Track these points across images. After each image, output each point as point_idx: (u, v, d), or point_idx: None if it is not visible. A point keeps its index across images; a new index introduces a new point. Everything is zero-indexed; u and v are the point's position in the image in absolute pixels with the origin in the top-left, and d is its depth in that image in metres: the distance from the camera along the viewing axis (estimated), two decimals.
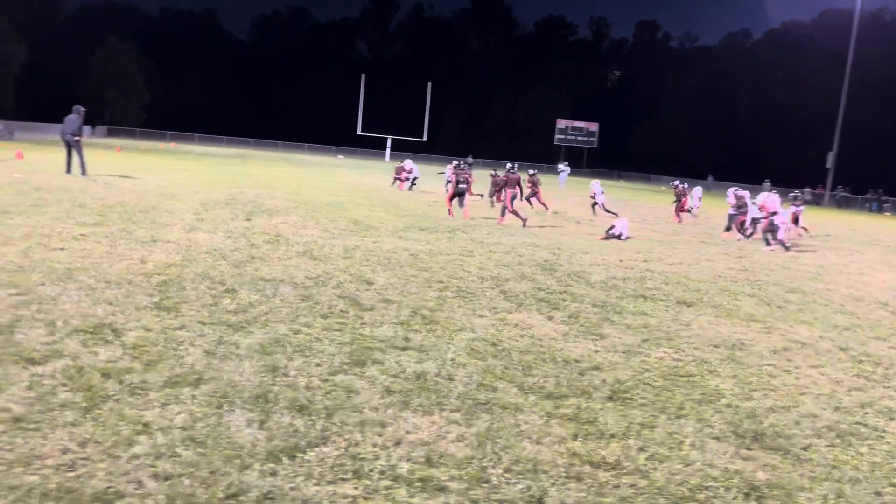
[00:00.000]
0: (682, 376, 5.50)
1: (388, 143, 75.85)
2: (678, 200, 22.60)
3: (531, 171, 22.79)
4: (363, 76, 75.91)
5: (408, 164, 28.32)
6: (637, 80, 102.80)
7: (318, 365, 4.95)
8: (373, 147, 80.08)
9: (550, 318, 7.06)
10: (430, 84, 76.12)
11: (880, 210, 50.96)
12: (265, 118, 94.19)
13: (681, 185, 23.17)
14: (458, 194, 17.32)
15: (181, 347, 5.05)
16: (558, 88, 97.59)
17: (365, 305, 6.86)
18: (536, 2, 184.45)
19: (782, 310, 8.65)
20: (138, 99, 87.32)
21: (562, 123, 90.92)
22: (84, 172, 18.82)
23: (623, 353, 6.02)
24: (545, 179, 35.41)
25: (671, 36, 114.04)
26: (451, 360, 5.37)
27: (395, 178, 28.03)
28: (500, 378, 5.05)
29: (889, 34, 74.52)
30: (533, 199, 21.96)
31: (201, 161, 37.41)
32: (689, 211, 23.53)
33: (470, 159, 47.87)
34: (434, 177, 31.62)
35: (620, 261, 11.80)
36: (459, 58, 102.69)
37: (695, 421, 4.55)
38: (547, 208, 21.38)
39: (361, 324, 6.17)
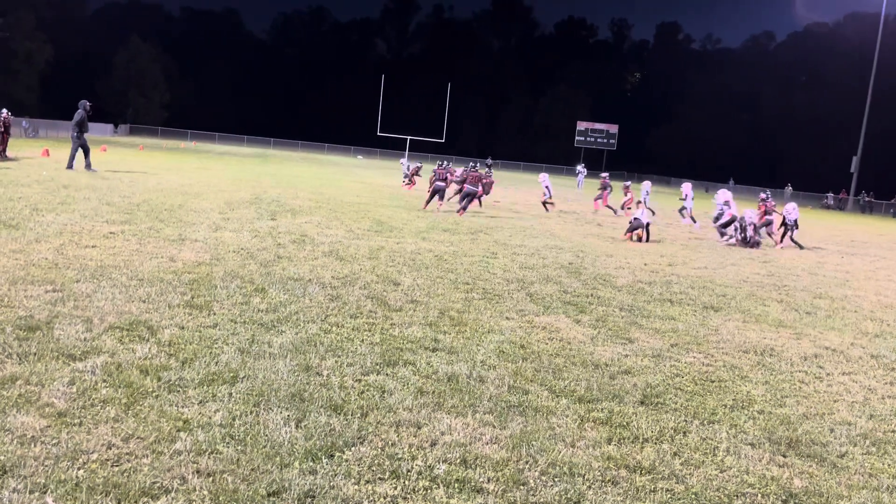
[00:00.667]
0: (713, 381, 5.47)
1: (408, 144, 76.00)
2: (603, 190, 24.87)
3: (485, 168, 23.56)
4: (383, 76, 76.10)
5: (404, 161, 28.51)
6: (657, 82, 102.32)
7: (350, 365, 4.99)
8: (392, 147, 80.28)
9: (578, 322, 7.05)
10: (449, 85, 76.13)
11: None
12: (285, 118, 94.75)
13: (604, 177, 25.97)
14: (436, 191, 18.42)
15: (216, 346, 5.11)
16: (578, 90, 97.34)
17: (393, 306, 6.89)
18: (557, 3, 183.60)
19: (811, 316, 8.57)
20: (160, 98, 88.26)
21: (582, 125, 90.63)
22: (69, 166, 19.17)
23: (653, 357, 6.01)
24: (563, 181, 35.37)
25: (693, 38, 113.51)
26: (482, 361, 5.39)
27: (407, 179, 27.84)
28: (531, 381, 5.06)
29: None
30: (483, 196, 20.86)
31: (223, 160, 37.72)
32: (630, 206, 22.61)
33: (489, 160, 47.49)
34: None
35: (645, 264, 11.75)
36: (479, 59, 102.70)
37: (728, 427, 4.53)
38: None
39: (391, 324, 6.20)
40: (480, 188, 19.13)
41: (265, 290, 6.96)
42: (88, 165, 19.56)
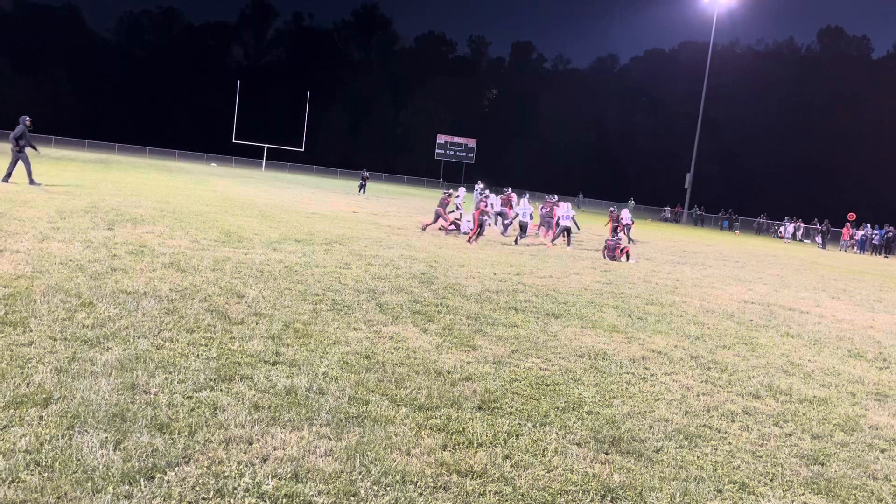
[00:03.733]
0: (548, 385, 5.71)
1: (265, 153, 74.07)
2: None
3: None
4: (238, 82, 73.78)
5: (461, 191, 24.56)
6: (513, 98, 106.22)
7: (181, 381, 4.76)
8: (249, 156, 77.90)
9: (425, 331, 7.13)
10: (308, 93, 75.13)
11: (731, 228, 55.21)
12: (132, 122, 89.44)
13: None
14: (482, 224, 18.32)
15: (28, 365, 4.70)
16: (438, 104, 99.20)
17: (234, 319, 6.65)
18: (418, 17, 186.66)
19: (642, 321, 9.19)
20: None
21: (441, 139, 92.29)
22: (5, 179, 18.92)
23: (493, 363, 6.19)
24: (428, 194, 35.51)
25: (545, 57, 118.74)
26: (324, 373, 5.32)
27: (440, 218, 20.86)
28: (373, 391, 5.05)
29: (740, 65, 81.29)
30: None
31: (59, 166, 34.94)
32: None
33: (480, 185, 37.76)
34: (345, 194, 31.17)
35: (494, 274, 12.11)
36: (340, 68, 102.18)
37: (558, 428, 4.74)
38: None
39: (230, 338, 5.98)
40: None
41: (93, 305, 6.50)
42: (31, 181, 18.87)
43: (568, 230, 20.27)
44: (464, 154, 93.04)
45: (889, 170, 68.24)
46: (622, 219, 24.06)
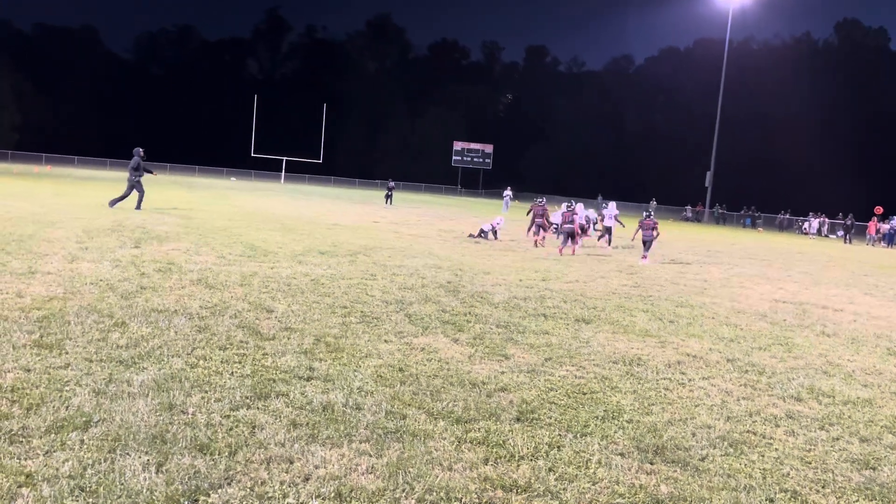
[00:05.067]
0: (585, 393, 5.63)
1: (284, 165, 74.61)
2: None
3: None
4: (255, 96, 74.46)
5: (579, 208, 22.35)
6: (529, 103, 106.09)
7: (218, 400, 4.74)
8: (267, 169, 78.51)
9: (456, 341, 7.08)
10: (325, 105, 75.61)
11: (753, 225, 54.60)
12: (152, 140, 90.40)
13: None
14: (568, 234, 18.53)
15: (66, 388, 4.71)
16: (453, 111, 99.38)
17: (266, 335, 6.65)
18: (430, 25, 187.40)
19: (674, 324, 9.06)
20: (10, 119, 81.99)
21: (458, 145, 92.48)
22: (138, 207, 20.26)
23: (528, 372, 6.11)
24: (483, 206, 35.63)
25: (560, 60, 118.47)
26: (359, 388, 5.28)
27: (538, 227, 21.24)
28: (409, 405, 5.00)
29: (756, 61, 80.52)
30: None
31: (83, 185, 35.44)
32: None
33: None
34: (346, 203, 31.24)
35: (520, 280, 12.03)
36: (355, 79, 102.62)
37: (599, 438, 4.66)
38: None
39: (263, 354, 5.97)
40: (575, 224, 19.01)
41: (125, 325, 6.52)
42: (138, 206, 20.24)
43: (609, 230, 21.99)
44: (481, 160, 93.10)
45: None
46: (601, 216, 24.72)
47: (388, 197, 40.23)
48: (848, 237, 41.76)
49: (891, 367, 7.59)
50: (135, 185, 20.76)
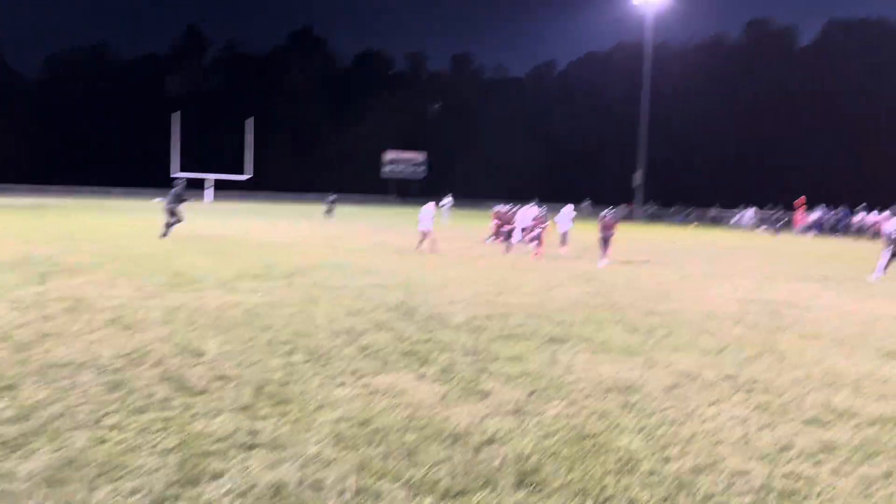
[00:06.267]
0: (586, 438, 4.73)
1: (210, 183, 71.90)
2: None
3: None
4: (175, 114, 71.58)
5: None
6: (457, 110, 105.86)
7: (134, 493, 3.62)
8: (193, 188, 75.47)
9: (422, 377, 6.09)
10: (250, 120, 73.35)
11: (687, 222, 55.41)
12: (67, 163, 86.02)
13: None
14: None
15: None
16: (382, 121, 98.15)
17: (195, 388, 5.50)
18: (353, 36, 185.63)
19: (651, 336, 8.30)
20: None
21: (389, 155, 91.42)
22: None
23: (514, 413, 5.18)
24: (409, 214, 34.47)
25: (485, 68, 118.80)
26: (316, 455, 4.23)
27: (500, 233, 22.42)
28: (382, 475, 3.98)
29: (675, 62, 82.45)
30: None
31: None
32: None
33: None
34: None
35: (476, 295, 11.12)
36: (280, 93, 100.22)
37: (627, 503, 3.75)
38: None
39: (192, 416, 4.84)
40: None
41: (15, 388, 5.27)
42: (165, 233, 20.51)
43: (565, 234, 21.53)
44: (413, 169, 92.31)
45: (822, 155, 69.84)
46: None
47: (330, 210, 39.01)
48: (777, 228, 42.66)
49: (892, 371, 6.99)
50: (173, 211, 21.06)
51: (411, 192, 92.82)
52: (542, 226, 19.39)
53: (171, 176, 70.00)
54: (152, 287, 10.72)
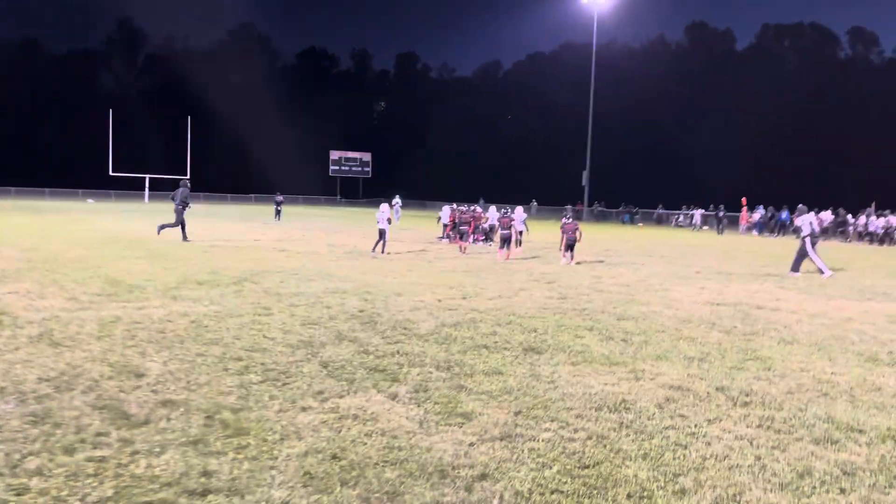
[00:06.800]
0: (589, 468, 4.21)
1: (147, 183, 69.41)
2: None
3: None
4: (110, 111, 68.86)
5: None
6: (404, 109, 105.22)
7: None
8: (130, 188, 72.80)
9: (395, 398, 5.48)
10: (189, 118, 71.13)
11: (632, 221, 56.00)
12: None
13: None
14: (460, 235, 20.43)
15: None
16: (327, 120, 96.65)
17: (135, 417, 4.78)
18: (296, 34, 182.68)
19: (629, 344, 7.87)
20: None
21: (335, 154, 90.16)
22: (184, 238, 20.65)
23: (503, 439, 4.63)
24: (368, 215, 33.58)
25: (430, 67, 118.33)
26: (284, 502, 3.59)
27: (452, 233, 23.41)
28: None
29: (620, 62, 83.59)
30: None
31: None
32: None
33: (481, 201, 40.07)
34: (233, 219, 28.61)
35: (439, 300, 10.55)
36: (221, 90, 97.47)
37: None
38: None
39: (132, 454, 4.14)
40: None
41: None
42: (185, 237, 20.70)
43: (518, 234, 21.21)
44: (360, 169, 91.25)
45: (761, 156, 71.72)
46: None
47: (278, 212, 37.93)
48: (720, 228, 43.37)
49: (882, 379, 6.72)
50: (179, 215, 21.12)
51: (358, 192, 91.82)
52: (510, 227, 19.07)
53: (110, 175, 67.34)
54: (86, 296, 9.81)
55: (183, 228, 21.05)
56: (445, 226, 24.73)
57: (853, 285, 14.88)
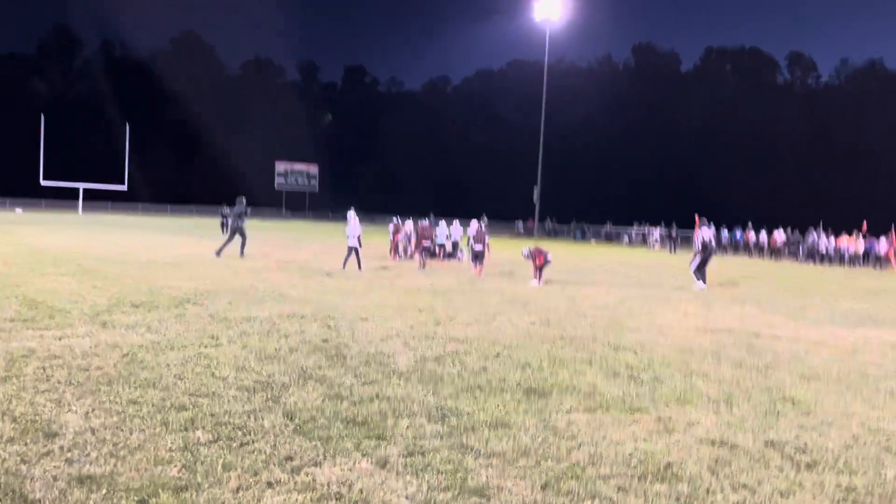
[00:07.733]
0: None
1: (81, 193, 66.04)
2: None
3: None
4: (42, 118, 65.37)
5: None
6: (352, 122, 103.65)
7: None
8: (62, 198, 69.23)
9: (385, 465, 4.30)
10: (127, 126, 68.17)
11: (584, 238, 55.79)
12: None
13: None
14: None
15: None
16: (273, 131, 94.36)
17: (42, 502, 3.48)
18: (242, 44, 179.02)
19: (638, 382, 6.86)
20: None
21: (281, 166, 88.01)
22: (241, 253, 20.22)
23: None
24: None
25: (379, 81, 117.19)
26: None
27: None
28: None
29: (570, 80, 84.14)
30: None
31: None
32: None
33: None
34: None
35: (411, 327, 9.39)
36: (161, 99, 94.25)
37: None
38: None
39: None
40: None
41: None
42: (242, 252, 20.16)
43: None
44: (306, 181, 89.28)
45: (708, 174, 72.99)
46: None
47: (224, 225, 35.94)
48: (673, 247, 43.35)
49: None
50: (237, 230, 20.93)
51: (305, 205, 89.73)
52: (483, 241, 18.52)
53: (41, 184, 63.83)
54: None
55: (243, 245, 20.71)
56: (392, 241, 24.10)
57: (833, 309, 14.35)
